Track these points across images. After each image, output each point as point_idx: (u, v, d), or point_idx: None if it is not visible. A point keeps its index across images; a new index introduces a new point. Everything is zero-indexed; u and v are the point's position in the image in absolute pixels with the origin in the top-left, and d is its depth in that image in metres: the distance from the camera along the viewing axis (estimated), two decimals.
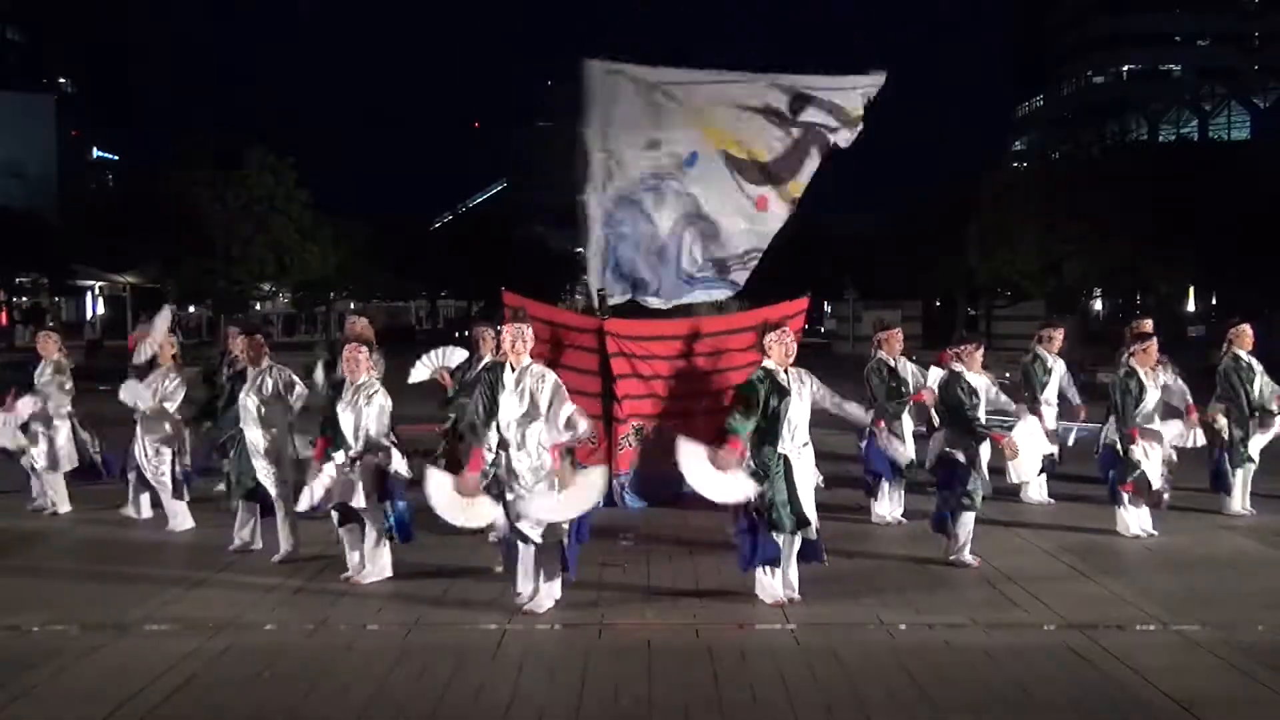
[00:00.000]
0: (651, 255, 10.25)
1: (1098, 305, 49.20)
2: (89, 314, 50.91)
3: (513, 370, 6.43)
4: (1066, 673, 5.46)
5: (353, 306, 57.49)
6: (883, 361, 9.04)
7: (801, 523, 6.53)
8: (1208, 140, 54.82)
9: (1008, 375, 11.44)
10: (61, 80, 74.00)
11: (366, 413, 7.01)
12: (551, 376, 6.45)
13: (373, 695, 5.16)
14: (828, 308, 50.93)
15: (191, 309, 45.92)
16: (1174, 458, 8.77)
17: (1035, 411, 9.40)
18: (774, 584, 6.60)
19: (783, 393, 6.54)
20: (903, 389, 8.94)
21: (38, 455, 9.41)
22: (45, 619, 6.33)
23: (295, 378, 7.94)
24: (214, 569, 7.47)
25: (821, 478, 7.19)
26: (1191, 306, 43.08)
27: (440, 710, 5.01)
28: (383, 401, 7.09)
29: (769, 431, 6.53)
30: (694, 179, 10.20)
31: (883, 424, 8.82)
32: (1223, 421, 9.22)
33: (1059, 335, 10.28)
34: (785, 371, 6.64)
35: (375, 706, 5.04)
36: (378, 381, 7.26)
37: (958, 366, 7.73)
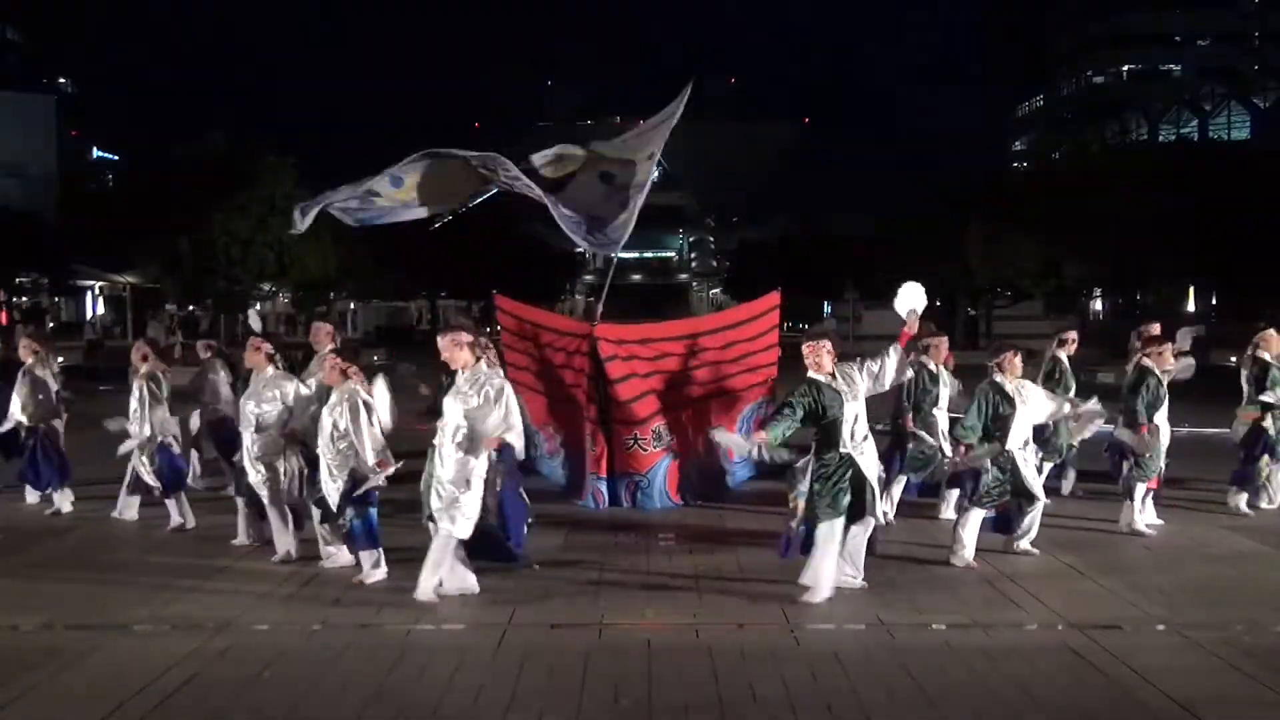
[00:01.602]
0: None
1: (1098, 305, 49.20)
2: (89, 314, 50.90)
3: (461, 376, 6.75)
4: (1066, 673, 5.47)
5: (353, 306, 57.53)
6: (923, 365, 9.11)
7: (858, 513, 6.76)
8: (1208, 140, 54.83)
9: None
10: (61, 80, 74.01)
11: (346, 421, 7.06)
12: (497, 384, 6.72)
13: (373, 695, 5.16)
14: (828, 308, 50.93)
15: (191, 309, 45.85)
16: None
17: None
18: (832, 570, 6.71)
19: (837, 398, 6.72)
20: (936, 394, 9.11)
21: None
22: (45, 619, 6.34)
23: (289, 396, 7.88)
24: (214, 569, 7.47)
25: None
26: (1191, 306, 43.08)
27: (440, 710, 5.01)
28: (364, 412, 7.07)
29: (827, 436, 6.75)
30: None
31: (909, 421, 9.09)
32: (1268, 421, 9.31)
33: (1073, 337, 10.27)
34: (834, 377, 6.80)
35: (375, 706, 5.04)
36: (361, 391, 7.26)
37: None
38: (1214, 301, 44.10)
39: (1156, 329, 9.54)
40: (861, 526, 6.85)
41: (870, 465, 6.81)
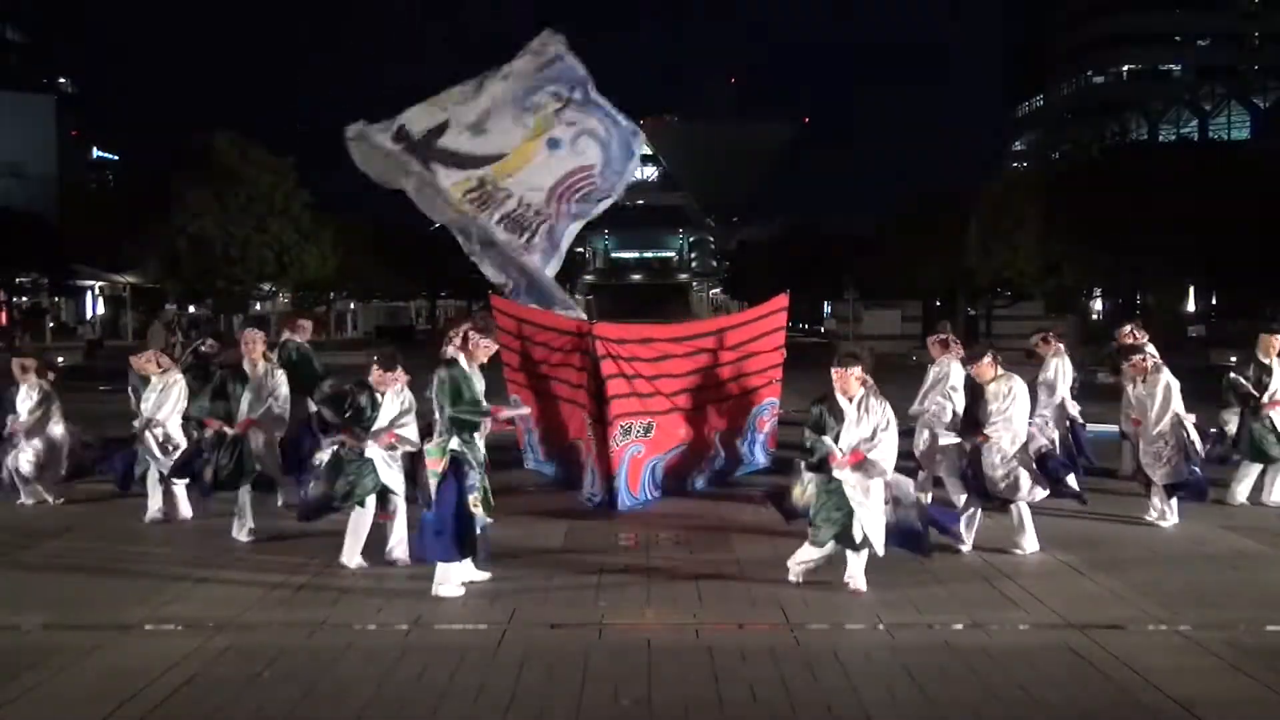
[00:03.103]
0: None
1: (1098, 305, 49.22)
2: (89, 314, 50.91)
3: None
4: (1066, 673, 5.47)
5: (353, 306, 57.55)
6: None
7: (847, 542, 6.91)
8: (1208, 140, 54.82)
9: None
10: (61, 80, 74.03)
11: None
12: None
13: (373, 695, 5.16)
14: (828, 308, 51.01)
15: (191, 309, 45.90)
16: None
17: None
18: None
19: (841, 419, 6.82)
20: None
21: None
22: (45, 619, 6.33)
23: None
24: (214, 568, 7.46)
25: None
26: (1191, 306, 43.08)
27: (440, 710, 5.01)
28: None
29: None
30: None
31: None
32: None
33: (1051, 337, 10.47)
34: (853, 402, 6.86)
35: (375, 706, 5.04)
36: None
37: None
38: (1214, 301, 44.11)
39: (1125, 334, 10.13)
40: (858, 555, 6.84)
41: (858, 495, 6.76)
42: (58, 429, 9.75)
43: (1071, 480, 8.39)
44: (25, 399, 9.62)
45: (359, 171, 10.94)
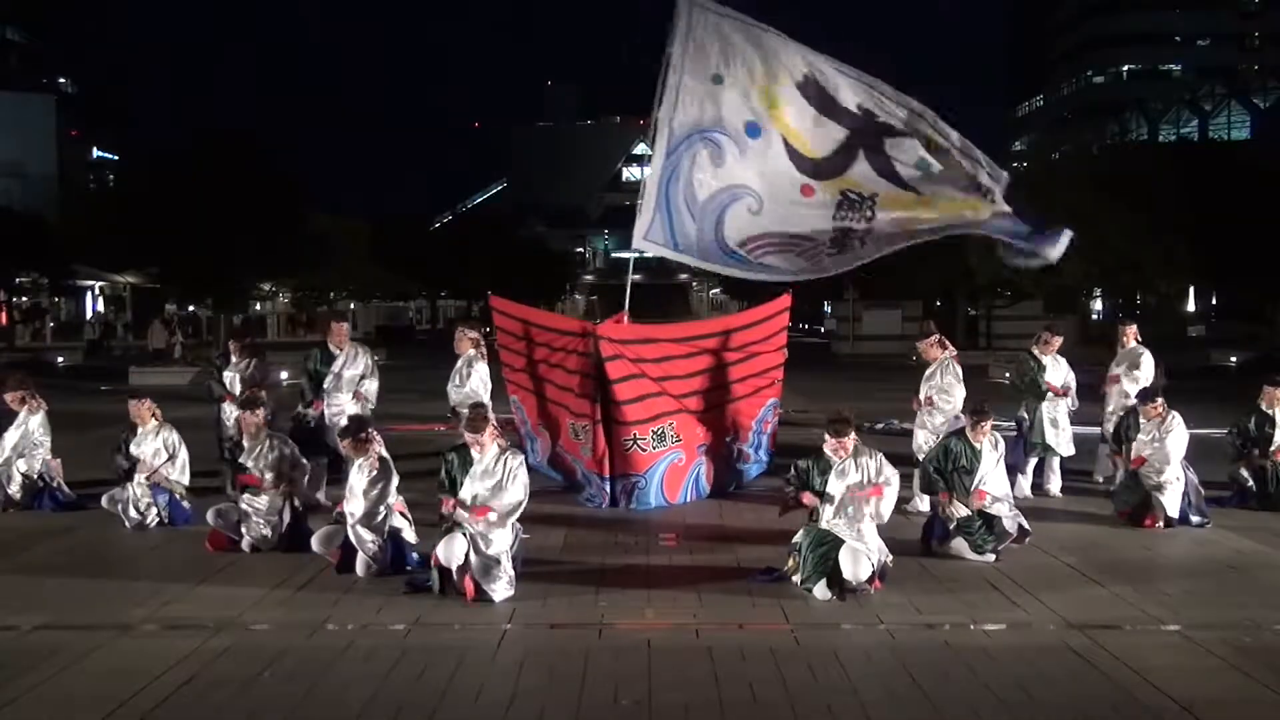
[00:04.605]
0: (695, 204, 9.53)
1: (1098, 305, 49.20)
2: (89, 314, 50.94)
3: None
4: (1066, 673, 5.47)
5: (353, 306, 57.57)
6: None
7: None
8: (1208, 140, 54.80)
9: (1007, 375, 11.54)
10: (61, 80, 74.02)
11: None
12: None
13: (373, 695, 5.16)
14: (828, 307, 50.95)
15: (191, 309, 45.90)
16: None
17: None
18: None
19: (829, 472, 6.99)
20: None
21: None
22: (45, 619, 6.33)
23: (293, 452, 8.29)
24: (214, 569, 7.47)
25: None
26: (1191, 306, 43.08)
27: (440, 710, 5.01)
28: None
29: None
30: (753, 151, 9.45)
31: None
32: None
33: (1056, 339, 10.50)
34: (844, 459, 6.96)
35: (375, 706, 5.04)
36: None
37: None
38: (1214, 301, 44.10)
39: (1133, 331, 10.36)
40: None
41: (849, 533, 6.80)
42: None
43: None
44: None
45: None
